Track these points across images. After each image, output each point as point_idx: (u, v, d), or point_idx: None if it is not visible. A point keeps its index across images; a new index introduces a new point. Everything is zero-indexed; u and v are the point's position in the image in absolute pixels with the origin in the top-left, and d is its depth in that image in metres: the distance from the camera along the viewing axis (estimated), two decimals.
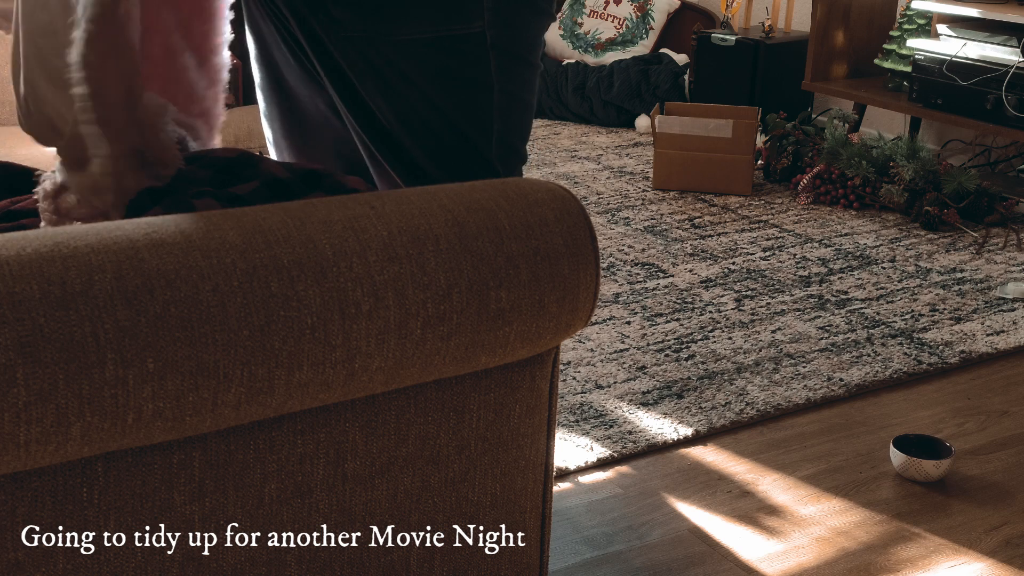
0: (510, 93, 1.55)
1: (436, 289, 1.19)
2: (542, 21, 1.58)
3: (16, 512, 1.06)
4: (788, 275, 3.07)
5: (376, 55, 1.47)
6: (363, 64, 1.48)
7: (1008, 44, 3.60)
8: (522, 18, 1.54)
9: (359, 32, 1.46)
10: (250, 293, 1.09)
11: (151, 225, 1.11)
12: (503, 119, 1.55)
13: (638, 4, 4.99)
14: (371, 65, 1.48)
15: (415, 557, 1.33)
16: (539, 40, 1.59)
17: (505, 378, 1.33)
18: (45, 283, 1.01)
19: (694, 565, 1.81)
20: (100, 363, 1.01)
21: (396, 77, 1.48)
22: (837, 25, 4.21)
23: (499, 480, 1.37)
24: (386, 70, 1.47)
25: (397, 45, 1.46)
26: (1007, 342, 2.66)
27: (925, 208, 3.48)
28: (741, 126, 3.71)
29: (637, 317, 2.75)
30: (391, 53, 1.46)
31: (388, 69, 1.47)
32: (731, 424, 2.25)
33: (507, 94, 1.54)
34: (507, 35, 1.52)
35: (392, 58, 1.46)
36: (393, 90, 1.49)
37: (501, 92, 1.54)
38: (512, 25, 1.52)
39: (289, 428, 1.19)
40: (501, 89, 1.53)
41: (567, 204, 1.31)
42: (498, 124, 1.55)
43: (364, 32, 1.46)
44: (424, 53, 1.47)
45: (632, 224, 3.47)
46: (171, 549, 1.16)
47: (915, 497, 2.02)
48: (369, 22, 1.45)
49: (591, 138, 4.52)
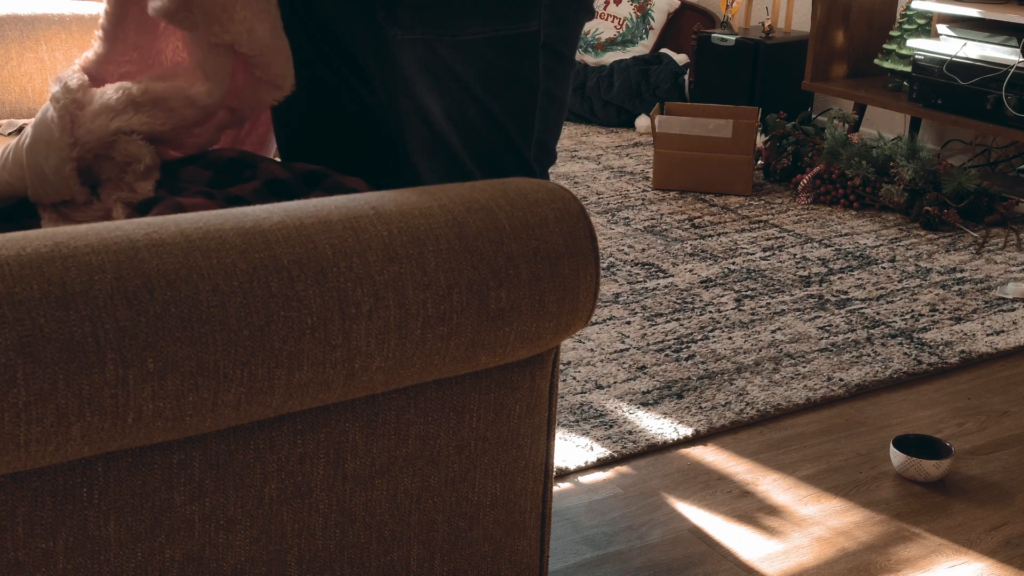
0: (550, 92, 1.55)
1: (436, 289, 1.19)
2: (588, 18, 1.59)
3: (16, 512, 1.06)
4: (788, 275, 3.07)
5: (431, 56, 1.46)
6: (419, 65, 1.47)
7: (1008, 44, 3.60)
8: (574, 16, 1.55)
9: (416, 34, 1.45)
10: (250, 293, 1.09)
11: (151, 225, 1.11)
12: (542, 119, 1.55)
13: (638, 4, 4.99)
14: (427, 66, 1.47)
15: (415, 557, 1.33)
16: (579, 38, 1.60)
17: (505, 378, 1.33)
18: (45, 283, 1.01)
19: (694, 565, 1.81)
20: (100, 363, 1.01)
21: (449, 77, 1.47)
22: (837, 25, 4.21)
23: (499, 480, 1.37)
24: (440, 71, 1.46)
25: (455, 45, 1.45)
26: (1007, 342, 2.66)
27: (925, 208, 3.48)
28: (741, 126, 3.71)
29: (637, 317, 2.75)
30: (448, 54, 1.45)
31: (442, 70, 1.46)
32: (731, 424, 2.25)
33: (548, 93, 1.54)
34: (558, 34, 1.52)
35: (448, 59, 1.45)
36: (445, 90, 1.48)
37: (544, 92, 1.53)
38: (565, 23, 1.52)
39: (289, 428, 1.19)
40: (544, 89, 1.53)
41: (567, 204, 1.31)
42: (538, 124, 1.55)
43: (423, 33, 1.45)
44: (480, 53, 1.46)
45: (632, 224, 3.47)
46: (171, 549, 1.16)
47: (915, 497, 2.02)
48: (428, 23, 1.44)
49: (591, 138, 4.52)
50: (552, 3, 1.48)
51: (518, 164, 1.52)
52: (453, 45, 1.45)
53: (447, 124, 1.49)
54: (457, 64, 1.46)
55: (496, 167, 1.51)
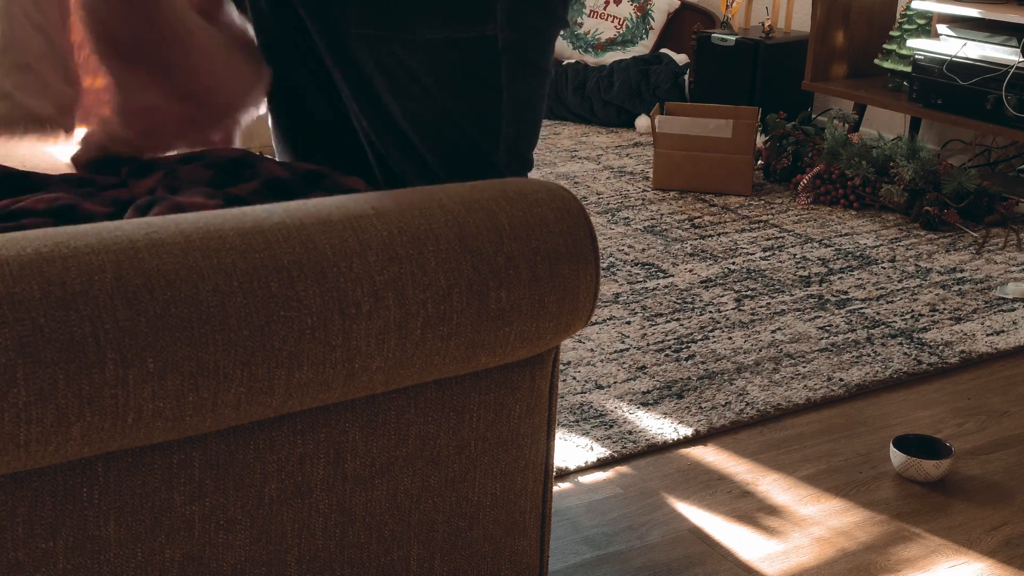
0: (519, 98, 1.54)
1: (436, 289, 1.19)
2: (555, 26, 1.56)
3: (16, 512, 1.06)
4: (788, 275, 3.07)
5: (388, 54, 1.46)
6: (375, 62, 1.47)
7: (1008, 44, 3.60)
8: (535, 22, 1.53)
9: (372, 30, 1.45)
10: (250, 293, 1.09)
11: (151, 225, 1.11)
12: (512, 124, 1.54)
13: (638, 4, 4.99)
14: (382, 64, 1.47)
15: (415, 557, 1.33)
16: (551, 46, 1.57)
17: (505, 378, 1.33)
18: (45, 283, 1.01)
19: (694, 565, 1.81)
20: (100, 363, 1.01)
21: (406, 77, 1.47)
22: (837, 25, 4.21)
23: (499, 480, 1.37)
24: (397, 70, 1.47)
25: (408, 44, 1.45)
26: (1007, 342, 2.66)
27: (925, 208, 3.48)
28: (741, 126, 3.71)
29: (637, 317, 2.75)
30: (402, 52, 1.46)
31: (399, 69, 1.47)
32: (731, 424, 2.25)
33: (516, 99, 1.53)
34: (519, 39, 1.50)
35: (403, 58, 1.46)
36: (403, 90, 1.48)
37: (511, 97, 1.52)
38: (525, 29, 1.51)
39: (289, 428, 1.19)
40: (511, 94, 1.52)
41: (567, 204, 1.31)
42: (507, 129, 1.54)
43: (377, 30, 1.45)
44: (435, 54, 1.46)
45: (632, 224, 3.47)
46: (171, 549, 1.16)
47: (915, 497, 2.02)
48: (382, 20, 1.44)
49: (591, 138, 4.52)
50: (509, 7, 1.48)
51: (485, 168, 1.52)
52: (407, 45, 1.45)
53: (407, 124, 1.49)
54: (413, 64, 1.46)
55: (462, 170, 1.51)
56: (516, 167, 1.57)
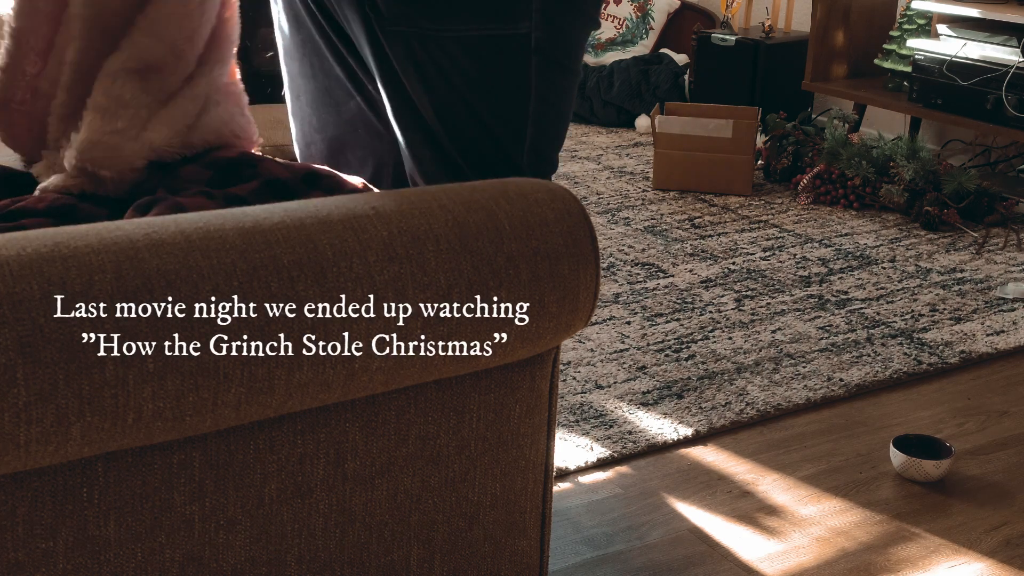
0: (546, 100, 1.52)
1: (436, 289, 1.19)
2: (587, 28, 1.55)
3: (16, 512, 1.06)
4: (788, 275, 3.07)
5: (420, 50, 1.45)
6: (407, 58, 1.46)
7: (1008, 44, 3.60)
8: (569, 23, 1.51)
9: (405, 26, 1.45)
10: (250, 293, 1.09)
11: (151, 225, 1.11)
12: (537, 126, 1.53)
13: (638, 4, 4.99)
14: (415, 60, 1.46)
15: (415, 557, 1.33)
16: (582, 48, 1.56)
17: (505, 378, 1.33)
18: (45, 283, 1.01)
19: (694, 565, 1.81)
20: (100, 363, 1.01)
21: (436, 74, 1.46)
22: (837, 25, 4.21)
23: (499, 480, 1.37)
24: (428, 66, 1.46)
25: (440, 41, 1.44)
26: (1007, 342, 2.66)
27: (925, 208, 3.48)
28: (741, 126, 3.71)
29: (637, 317, 2.75)
30: (434, 49, 1.45)
31: (430, 65, 1.46)
32: (731, 424, 2.25)
33: (543, 101, 1.52)
34: (551, 39, 1.49)
35: (435, 54, 1.45)
36: (433, 87, 1.47)
37: (538, 99, 1.51)
38: (558, 29, 1.50)
39: (289, 428, 1.19)
40: (539, 95, 1.51)
41: (567, 204, 1.31)
42: (532, 130, 1.52)
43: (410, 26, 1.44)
44: (466, 51, 1.45)
45: (632, 224, 3.47)
46: (171, 549, 1.16)
47: (915, 497, 2.02)
48: (415, 16, 1.44)
49: (591, 138, 4.52)
50: (544, 7, 1.47)
51: (509, 169, 1.52)
52: (440, 41, 1.44)
53: (436, 121, 1.49)
54: (444, 61, 1.45)
55: (487, 170, 1.51)
56: (539, 168, 1.56)
